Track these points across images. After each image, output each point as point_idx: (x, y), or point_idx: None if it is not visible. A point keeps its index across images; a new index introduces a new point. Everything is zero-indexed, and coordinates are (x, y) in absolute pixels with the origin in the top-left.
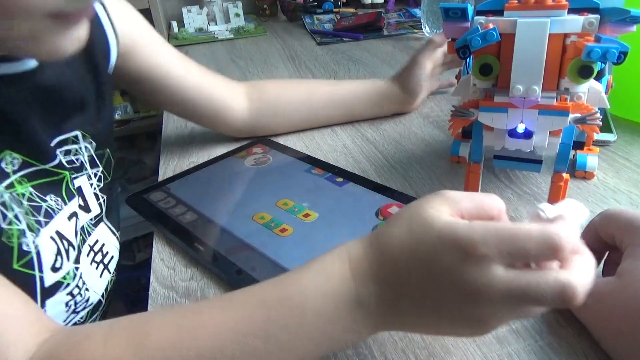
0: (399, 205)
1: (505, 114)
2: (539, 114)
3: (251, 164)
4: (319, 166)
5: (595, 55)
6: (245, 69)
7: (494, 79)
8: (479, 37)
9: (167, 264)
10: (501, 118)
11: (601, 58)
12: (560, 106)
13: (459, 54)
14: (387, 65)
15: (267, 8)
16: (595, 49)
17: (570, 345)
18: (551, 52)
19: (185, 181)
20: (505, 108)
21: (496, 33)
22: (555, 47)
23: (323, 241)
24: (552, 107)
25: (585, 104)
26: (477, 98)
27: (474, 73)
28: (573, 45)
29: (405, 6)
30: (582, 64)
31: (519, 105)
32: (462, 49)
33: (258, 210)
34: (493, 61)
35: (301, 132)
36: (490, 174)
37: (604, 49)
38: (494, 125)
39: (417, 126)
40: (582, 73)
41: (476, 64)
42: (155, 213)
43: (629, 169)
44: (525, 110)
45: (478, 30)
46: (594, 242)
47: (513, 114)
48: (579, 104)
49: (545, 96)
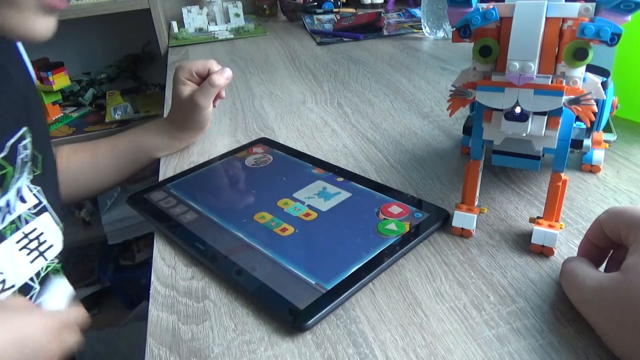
0: (400, 204)
1: (502, 93)
2: (534, 94)
3: (252, 164)
4: (320, 166)
5: (589, 32)
6: (245, 69)
7: (493, 62)
8: (479, 15)
9: (168, 263)
10: (498, 97)
11: (595, 35)
12: (554, 86)
13: (460, 33)
14: (387, 65)
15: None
16: (589, 25)
17: (570, 344)
18: (548, 36)
19: (186, 181)
20: (502, 87)
21: (495, 12)
22: (552, 31)
23: (324, 240)
24: (546, 87)
25: (580, 89)
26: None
27: (475, 56)
28: (569, 30)
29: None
30: (578, 46)
31: (514, 82)
32: (463, 29)
33: (258, 209)
34: (493, 44)
35: (301, 132)
36: (491, 174)
37: (597, 27)
38: (491, 105)
39: (417, 126)
40: (577, 55)
41: (476, 46)
42: (156, 213)
43: (629, 169)
44: (521, 90)
45: (479, 11)
46: (599, 239)
47: (509, 93)
48: (574, 88)
49: (541, 77)
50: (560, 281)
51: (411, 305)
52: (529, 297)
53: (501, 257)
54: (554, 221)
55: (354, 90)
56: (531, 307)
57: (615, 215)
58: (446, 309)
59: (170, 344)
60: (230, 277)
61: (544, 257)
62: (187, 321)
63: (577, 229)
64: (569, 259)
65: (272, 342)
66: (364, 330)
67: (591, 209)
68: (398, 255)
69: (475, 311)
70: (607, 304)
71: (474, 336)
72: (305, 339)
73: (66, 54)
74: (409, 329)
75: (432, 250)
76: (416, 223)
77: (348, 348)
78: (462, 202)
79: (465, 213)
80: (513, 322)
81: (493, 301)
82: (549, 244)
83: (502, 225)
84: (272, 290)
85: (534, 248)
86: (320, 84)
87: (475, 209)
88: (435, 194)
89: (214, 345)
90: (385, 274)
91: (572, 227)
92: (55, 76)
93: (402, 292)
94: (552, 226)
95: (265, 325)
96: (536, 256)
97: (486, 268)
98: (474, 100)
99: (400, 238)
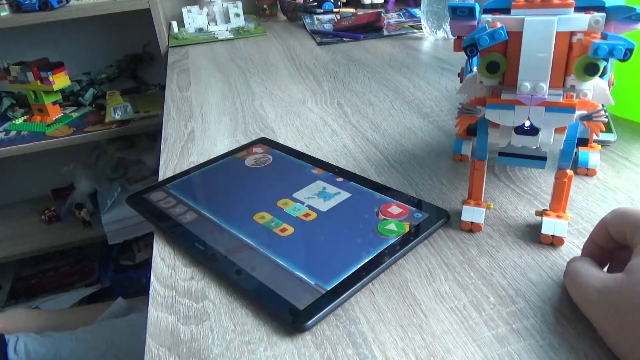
0: (399, 205)
1: (512, 111)
2: (545, 111)
3: (251, 164)
4: (319, 166)
5: (603, 52)
6: (245, 69)
7: (501, 76)
8: (487, 35)
9: (168, 264)
10: (508, 115)
11: (608, 55)
12: (566, 103)
13: (467, 52)
14: (387, 65)
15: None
16: (602, 45)
17: (570, 345)
18: (558, 50)
19: (185, 181)
20: (513, 105)
21: (504, 32)
22: (561, 45)
23: (323, 241)
24: (558, 104)
25: (590, 101)
26: (483, 95)
27: (481, 71)
28: (579, 43)
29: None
30: (588, 61)
31: (526, 102)
32: (470, 47)
33: (258, 210)
34: (500, 59)
35: (301, 132)
36: (490, 174)
37: (610, 46)
38: (501, 123)
39: (417, 126)
40: (588, 70)
41: (483, 61)
42: (156, 213)
43: (629, 169)
44: (532, 107)
45: (485, 29)
46: (603, 239)
47: (520, 111)
48: (585, 101)
49: (552, 93)
50: (564, 281)
51: (411, 305)
52: (528, 297)
53: (501, 257)
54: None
55: (354, 90)
56: (531, 307)
57: (620, 216)
58: (446, 309)
59: (170, 345)
60: (230, 277)
61: (545, 258)
62: (186, 321)
63: (577, 229)
64: (573, 259)
65: (272, 342)
66: (363, 330)
67: (591, 209)
68: (398, 255)
69: (475, 312)
70: (611, 304)
71: (474, 337)
72: (305, 340)
73: (66, 54)
74: (408, 329)
75: (431, 251)
76: (416, 223)
77: (347, 349)
78: (469, 198)
79: (474, 207)
80: (513, 322)
81: (493, 302)
82: (560, 234)
83: (502, 226)
84: (272, 290)
85: (545, 239)
86: (320, 84)
87: (483, 203)
88: (435, 194)
89: (213, 346)
90: (384, 274)
91: (572, 228)
92: (55, 76)
93: (401, 293)
94: (560, 217)
95: (264, 325)
96: (536, 257)
97: (486, 268)
98: (483, 117)
99: (400, 238)
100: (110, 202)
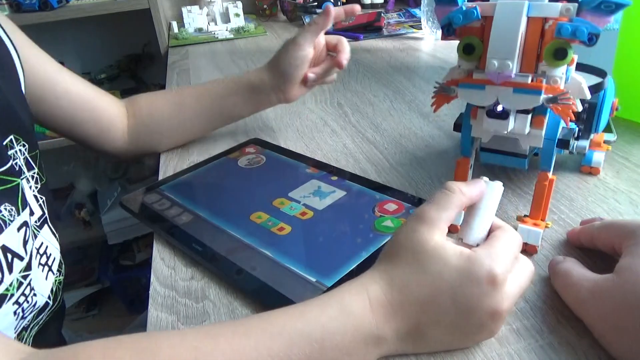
0: (395, 202)
1: (482, 91)
2: (513, 92)
3: (245, 164)
4: (313, 165)
5: (565, 31)
6: (245, 68)
7: (477, 60)
8: (461, 14)
9: (168, 264)
10: (479, 94)
11: (571, 35)
12: (533, 85)
13: (444, 32)
14: (387, 65)
15: (267, 8)
16: (565, 25)
17: (570, 345)
18: (530, 36)
19: (179, 182)
20: (483, 85)
21: (476, 11)
22: (534, 31)
23: (322, 239)
24: (525, 85)
25: (561, 88)
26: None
27: (459, 53)
28: (550, 30)
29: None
30: (557, 46)
31: (493, 80)
32: (446, 27)
33: (254, 209)
34: (476, 42)
35: (301, 132)
36: (490, 174)
37: (573, 27)
38: (472, 102)
39: (417, 126)
40: (557, 55)
41: (460, 44)
42: (151, 215)
43: (629, 169)
44: (500, 88)
45: (461, 10)
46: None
47: (490, 90)
48: (555, 87)
49: (521, 75)
50: (554, 283)
51: None
52: (528, 297)
53: None
54: (540, 220)
55: (354, 90)
56: (531, 307)
57: (607, 229)
58: None
59: None
60: (231, 276)
61: (544, 258)
62: (186, 322)
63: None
64: (559, 260)
65: None
66: None
67: (591, 209)
68: None
69: None
70: (603, 304)
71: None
72: None
73: (66, 54)
74: None
75: None
76: None
77: None
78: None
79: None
80: (512, 322)
81: None
82: (533, 242)
83: None
84: (274, 289)
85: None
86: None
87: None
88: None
89: None
90: None
91: (572, 228)
92: None
93: None
94: (537, 225)
95: None
96: (536, 257)
97: None
98: (457, 97)
99: None
100: (110, 202)
